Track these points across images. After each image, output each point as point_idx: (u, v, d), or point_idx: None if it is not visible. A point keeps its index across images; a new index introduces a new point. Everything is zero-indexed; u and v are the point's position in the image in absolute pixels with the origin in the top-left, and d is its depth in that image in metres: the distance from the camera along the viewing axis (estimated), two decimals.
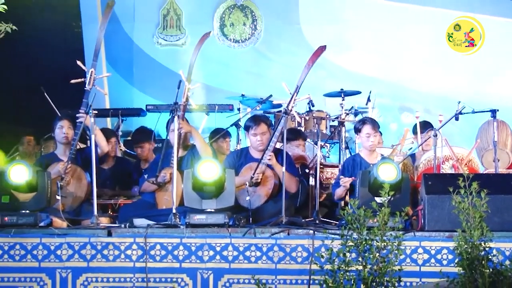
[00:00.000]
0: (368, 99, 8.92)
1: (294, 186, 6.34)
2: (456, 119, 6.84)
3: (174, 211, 5.71)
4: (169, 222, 5.65)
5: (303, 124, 8.52)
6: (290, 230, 5.52)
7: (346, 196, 6.32)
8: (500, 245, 5.17)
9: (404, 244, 4.70)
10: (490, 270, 4.42)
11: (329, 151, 8.57)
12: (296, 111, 6.64)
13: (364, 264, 4.47)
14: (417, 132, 7.73)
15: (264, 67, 10.27)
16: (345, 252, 4.48)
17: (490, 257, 4.48)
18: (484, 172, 6.96)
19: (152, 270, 5.44)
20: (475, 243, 4.43)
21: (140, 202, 6.49)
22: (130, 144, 8.12)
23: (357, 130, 6.55)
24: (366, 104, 8.96)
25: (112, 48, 10.19)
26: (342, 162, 7.13)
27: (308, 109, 8.57)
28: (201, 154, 6.31)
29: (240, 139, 8.52)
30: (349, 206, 4.67)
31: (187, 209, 5.72)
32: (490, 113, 6.87)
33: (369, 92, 8.94)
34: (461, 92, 9.46)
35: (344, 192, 6.28)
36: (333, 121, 8.72)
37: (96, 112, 6.12)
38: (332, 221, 6.11)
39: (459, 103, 6.85)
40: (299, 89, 6.21)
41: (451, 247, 4.79)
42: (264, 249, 5.42)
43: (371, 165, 6.13)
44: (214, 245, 5.44)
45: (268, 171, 6.28)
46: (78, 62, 6.20)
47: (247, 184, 6.17)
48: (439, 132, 6.60)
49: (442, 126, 6.85)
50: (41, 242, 5.51)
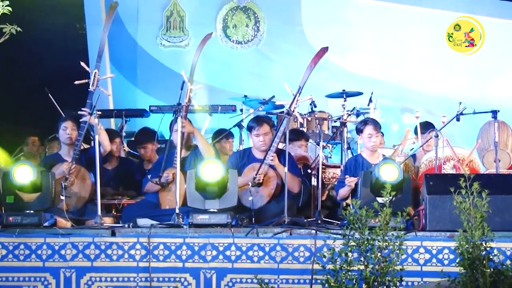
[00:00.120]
0: (370, 100, 8.91)
1: (297, 187, 6.35)
2: (457, 120, 6.86)
3: (177, 211, 5.71)
4: (172, 222, 5.67)
5: (305, 125, 8.54)
6: (293, 230, 5.54)
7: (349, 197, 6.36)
8: (501, 245, 5.19)
9: (406, 244, 4.73)
10: (491, 270, 4.44)
11: (331, 152, 8.58)
12: (299, 112, 6.68)
13: (366, 264, 4.49)
14: (418, 133, 7.75)
15: (267, 68, 10.27)
16: (347, 252, 4.50)
17: (491, 257, 4.50)
18: (485, 173, 6.96)
19: (156, 270, 5.46)
20: (476, 243, 4.45)
21: (144, 202, 6.50)
22: (134, 145, 8.13)
23: (359, 131, 6.56)
24: (368, 105, 8.95)
25: (116, 50, 10.20)
26: (344, 163, 7.15)
27: (310, 110, 8.57)
28: (204, 155, 6.31)
29: (243, 140, 8.54)
30: (351, 206, 4.69)
31: (190, 209, 5.73)
32: (491, 114, 6.90)
33: (371, 93, 8.93)
34: (462, 93, 9.47)
35: (349, 192, 6.29)
36: (335, 122, 8.72)
37: (100, 113, 6.15)
38: (334, 221, 6.12)
39: (460, 104, 6.87)
40: (301, 90, 6.23)
41: (452, 247, 4.81)
42: (267, 249, 5.44)
43: (373, 166, 6.13)
44: (217, 245, 5.46)
45: (271, 172, 6.29)
46: (82, 63, 6.22)
47: (250, 185, 6.18)
48: (441, 133, 6.62)
49: (444, 127, 6.87)
50: (45, 242, 5.54)
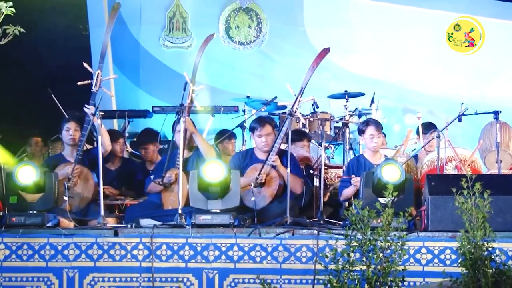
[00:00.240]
0: (372, 101, 8.91)
1: (299, 187, 6.36)
2: (459, 121, 6.88)
3: (180, 212, 5.72)
4: (175, 223, 5.68)
5: (308, 126, 8.54)
6: (295, 230, 5.55)
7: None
8: (503, 245, 5.20)
9: (408, 244, 4.74)
10: (493, 270, 4.44)
11: (333, 152, 8.59)
12: (301, 113, 6.68)
13: (368, 264, 4.49)
14: (420, 133, 7.76)
15: (269, 69, 10.28)
16: (349, 252, 4.51)
17: (493, 257, 4.50)
18: (487, 173, 6.96)
19: (158, 270, 5.47)
20: (478, 243, 4.45)
21: (146, 203, 6.50)
22: (136, 145, 8.15)
23: (361, 131, 6.56)
24: (370, 106, 8.94)
25: (119, 50, 10.20)
26: (346, 163, 7.15)
27: (313, 111, 8.58)
28: (205, 156, 6.32)
29: (245, 140, 8.54)
30: (353, 207, 4.69)
31: (193, 210, 5.74)
32: (493, 115, 6.91)
33: (373, 94, 8.93)
34: (462, 93, 9.48)
35: (353, 192, 6.29)
36: (337, 123, 8.73)
37: (103, 114, 6.17)
38: (336, 222, 6.12)
39: (462, 105, 6.88)
40: (304, 91, 6.24)
41: (454, 247, 4.82)
42: (269, 249, 5.45)
43: (375, 166, 6.15)
44: (220, 245, 5.47)
45: (273, 172, 6.30)
46: (85, 64, 6.22)
47: (252, 185, 6.18)
48: (443, 133, 6.62)
49: (446, 128, 6.87)
50: (49, 242, 5.55)
